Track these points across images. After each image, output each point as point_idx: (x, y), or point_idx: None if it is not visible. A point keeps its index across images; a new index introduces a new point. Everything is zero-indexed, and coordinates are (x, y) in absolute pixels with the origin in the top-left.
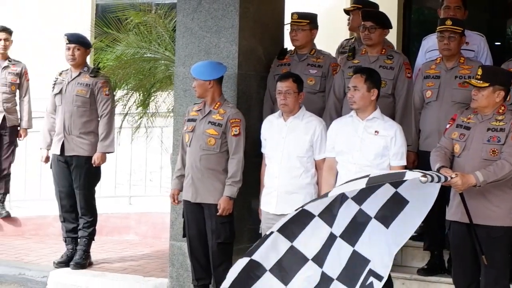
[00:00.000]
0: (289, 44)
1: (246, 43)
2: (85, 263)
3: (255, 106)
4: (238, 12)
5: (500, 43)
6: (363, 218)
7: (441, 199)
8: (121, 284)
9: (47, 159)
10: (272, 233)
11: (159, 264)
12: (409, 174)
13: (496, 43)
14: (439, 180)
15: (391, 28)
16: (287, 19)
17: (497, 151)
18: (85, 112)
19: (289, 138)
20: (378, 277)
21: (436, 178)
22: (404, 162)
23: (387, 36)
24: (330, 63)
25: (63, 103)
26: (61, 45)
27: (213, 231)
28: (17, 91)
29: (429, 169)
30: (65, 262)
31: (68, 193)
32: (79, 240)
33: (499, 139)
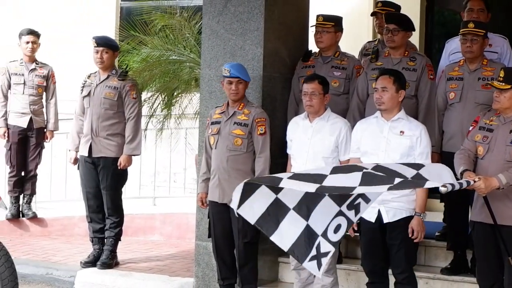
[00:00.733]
0: (313, 46)
1: (271, 45)
2: (112, 263)
3: (279, 108)
4: (263, 15)
5: None
6: None
7: (465, 200)
8: (148, 283)
9: (76, 160)
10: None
11: (185, 264)
12: (429, 184)
13: None
14: (461, 186)
15: (414, 31)
16: (311, 22)
17: None
18: (113, 114)
19: (315, 139)
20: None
21: (457, 185)
22: (429, 162)
23: (409, 39)
24: (354, 65)
25: (91, 105)
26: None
27: (240, 231)
28: (44, 93)
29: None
30: (92, 262)
31: (95, 194)
32: (105, 240)
33: None
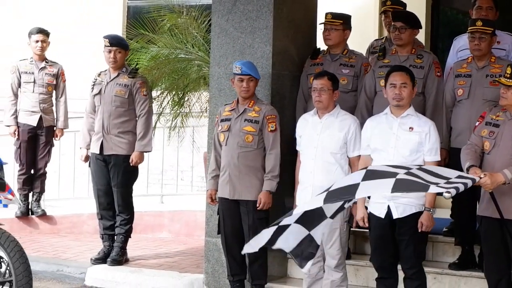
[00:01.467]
0: (322, 44)
1: (280, 43)
2: (122, 259)
3: (288, 105)
4: (272, 13)
5: None
6: None
7: (472, 195)
8: (158, 279)
9: (87, 158)
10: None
11: (194, 260)
12: (432, 188)
13: None
14: (466, 186)
15: (421, 28)
16: (319, 20)
17: None
18: (124, 112)
19: (324, 135)
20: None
21: (462, 186)
22: (438, 158)
23: (416, 36)
24: (362, 63)
25: (102, 103)
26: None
27: (250, 227)
28: (54, 91)
29: (460, 165)
30: (102, 259)
31: (106, 191)
32: (116, 237)
33: None
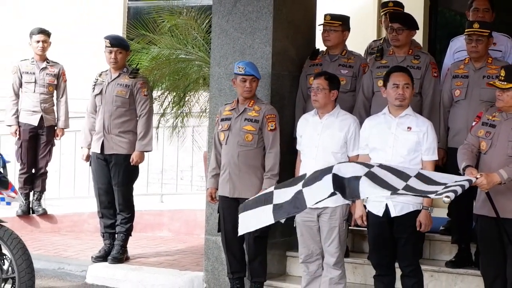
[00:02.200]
0: (321, 45)
1: (280, 44)
2: (122, 257)
3: (288, 105)
4: (272, 14)
5: None
6: None
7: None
8: (158, 277)
9: (88, 157)
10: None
11: (194, 258)
12: (432, 196)
13: None
14: (463, 189)
15: (418, 29)
16: (319, 21)
17: None
18: (125, 112)
19: (324, 134)
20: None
21: (460, 189)
22: (435, 157)
23: (414, 38)
24: (360, 64)
25: (103, 103)
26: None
27: None
28: (55, 91)
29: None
30: (103, 257)
31: (107, 190)
32: (116, 235)
33: None
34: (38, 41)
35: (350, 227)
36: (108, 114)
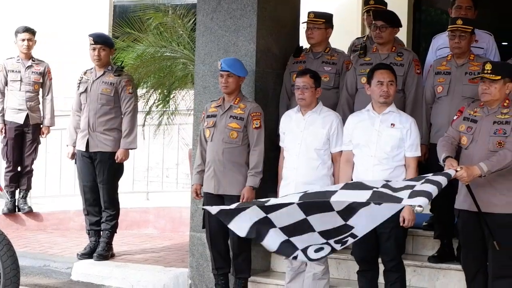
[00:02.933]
0: (304, 42)
1: (264, 41)
2: (108, 254)
3: (271, 102)
4: (256, 12)
5: (507, 43)
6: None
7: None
8: (143, 274)
9: (73, 155)
10: (291, 203)
11: (179, 255)
12: (406, 201)
13: (503, 43)
14: (440, 187)
15: (401, 27)
16: (303, 19)
17: (503, 143)
18: (109, 110)
19: (307, 131)
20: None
21: (435, 190)
22: (418, 153)
23: (398, 35)
24: (344, 61)
25: (88, 101)
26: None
27: None
28: (40, 90)
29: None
30: (88, 254)
31: (92, 188)
32: (101, 232)
33: (504, 131)
34: (24, 40)
35: None
36: (93, 112)
